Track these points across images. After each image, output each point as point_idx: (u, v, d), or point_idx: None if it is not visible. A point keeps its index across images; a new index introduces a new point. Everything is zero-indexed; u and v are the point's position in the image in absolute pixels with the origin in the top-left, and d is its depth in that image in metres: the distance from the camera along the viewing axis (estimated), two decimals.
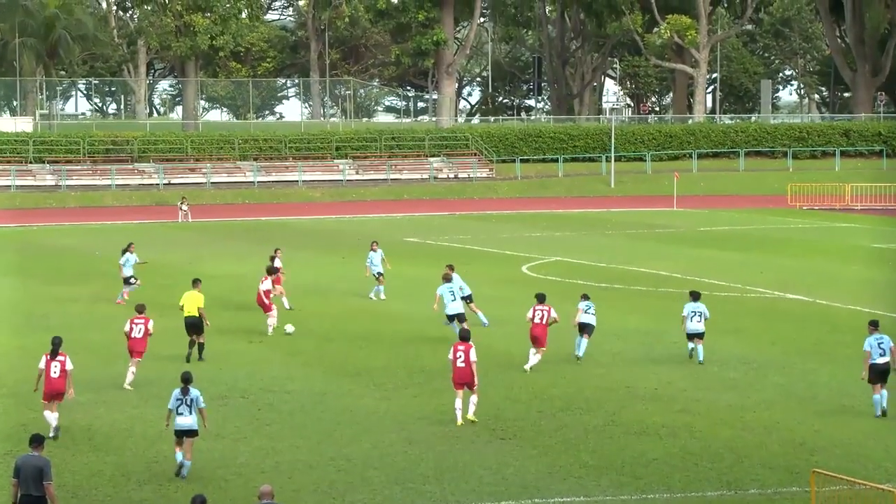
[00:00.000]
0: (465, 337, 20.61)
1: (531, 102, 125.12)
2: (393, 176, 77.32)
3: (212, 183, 74.44)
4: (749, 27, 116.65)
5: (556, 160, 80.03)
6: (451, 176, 78.97)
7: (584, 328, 25.39)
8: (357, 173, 77.27)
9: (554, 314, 24.29)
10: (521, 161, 79.73)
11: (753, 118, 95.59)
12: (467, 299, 29.27)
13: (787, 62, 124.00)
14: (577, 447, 19.08)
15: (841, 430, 19.82)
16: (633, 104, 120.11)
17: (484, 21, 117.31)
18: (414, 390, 22.86)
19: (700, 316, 25.16)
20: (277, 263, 32.09)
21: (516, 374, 24.06)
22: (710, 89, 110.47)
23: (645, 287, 36.20)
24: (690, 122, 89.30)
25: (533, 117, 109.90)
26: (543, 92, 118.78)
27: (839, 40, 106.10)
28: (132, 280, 33.61)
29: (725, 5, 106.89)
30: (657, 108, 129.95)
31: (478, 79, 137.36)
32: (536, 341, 24.34)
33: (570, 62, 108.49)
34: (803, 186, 69.18)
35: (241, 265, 40.85)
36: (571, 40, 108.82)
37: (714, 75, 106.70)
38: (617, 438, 19.50)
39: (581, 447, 19.07)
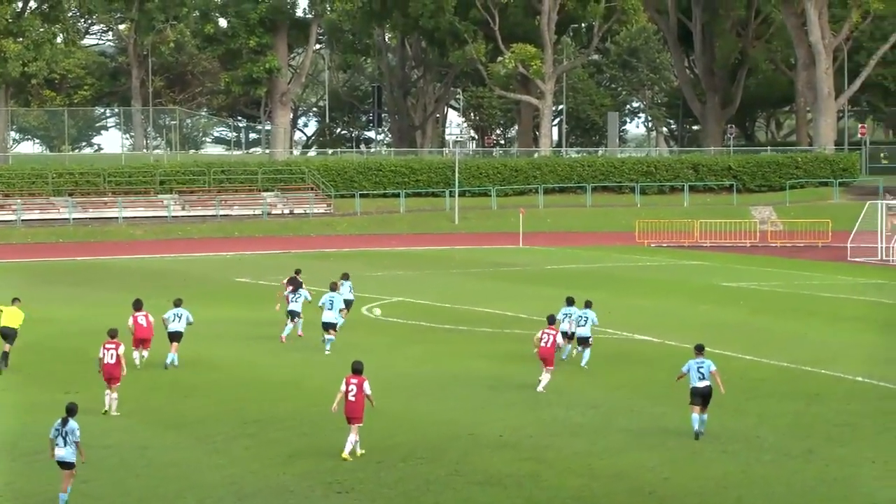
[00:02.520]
0: (357, 370, 21.29)
1: (371, 134, 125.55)
2: (223, 212, 76.71)
3: (22, 220, 72.80)
4: (595, 57, 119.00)
5: (398, 195, 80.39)
6: (286, 212, 78.68)
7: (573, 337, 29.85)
8: (183, 209, 76.44)
9: (559, 339, 27.19)
10: (361, 196, 79.87)
11: (600, 152, 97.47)
12: (347, 305, 33.36)
13: (635, 94, 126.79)
14: (418, 500, 19.10)
15: (691, 479, 20.24)
16: (477, 136, 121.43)
17: (320, 48, 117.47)
18: (246, 441, 22.63)
19: (586, 320, 29.45)
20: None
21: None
22: (556, 121, 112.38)
23: (490, 329, 36.52)
24: (536, 155, 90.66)
25: (373, 150, 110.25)
26: (384, 123, 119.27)
27: (688, 71, 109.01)
28: None
29: (571, 34, 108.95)
30: (502, 141, 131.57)
31: (314, 109, 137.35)
32: (545, 362, 26.83)
33: (411, 92, 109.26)
34: (651, 223, 70.72)
35: (55, 310, 39.99)
36: (413, 69, 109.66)
37: (560, 107, 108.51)
38: (460, 489, 19.59)
39: (422, 500, 19.11)
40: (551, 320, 27.68)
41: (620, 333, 35.54)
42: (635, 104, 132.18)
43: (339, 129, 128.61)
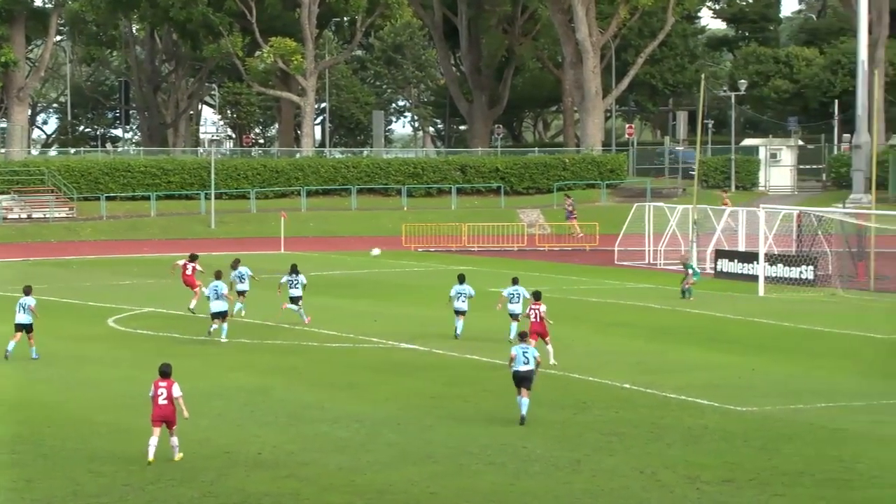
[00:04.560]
0: (165, 373, 21.78)
1: (118, 132, 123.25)
2: None
3: None
4: (359, 53, 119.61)
5: (148, 198, 79.17)
6: (24, 216, 76.63)
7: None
8: None
9: (544, 310, 30.69)
10: (107, 199, 78.39)
11: (365, 152, 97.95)
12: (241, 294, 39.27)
13: (401, 92, 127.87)
14: None
15: (458, 493, 20.53)
16: (234, 135, 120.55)
17: (61, 40, 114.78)
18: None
19: (464, 296, 35.30)
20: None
21: (99, 441, 23.57)
22: (318, 120, 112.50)
23: (249, 340, 36.33)
24: (298, 155, 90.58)
25: (120, 149, 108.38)
26: (132, 121, 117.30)
27: (454, 69, 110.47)
28: None
29: (333, 29, 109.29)
30: (262, 141, 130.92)
31: (55, 105, 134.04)
32: (539, 335, 30.27)
33: (162, 87, 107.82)
34: (419, 227, 71.42)
35: None
36: (163, 63, 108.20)
37: (323, 105, 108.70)
38: None
39: None
40: (537, 296, 31.02)
41: (386, 342, 35.80)
42: (401, 103, 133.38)
43: (82, 127, 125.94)
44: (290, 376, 30.69)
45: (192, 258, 41.69)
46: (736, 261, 54.17)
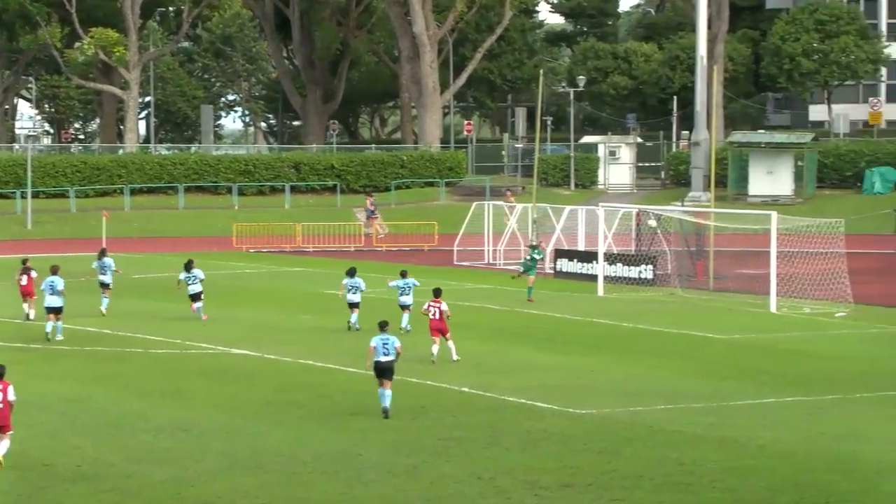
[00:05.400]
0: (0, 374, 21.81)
1: None
2: None
3: None
4: (186, 45, 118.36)
5: None
6: None
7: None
8: None
9: (445, 307, 31.84)
10: None
11: (194, 149, 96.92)
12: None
13: (231, 85, 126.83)
14: None
15: None
16: (53, 130, 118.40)
17: None
18: None
19: (356, 290, 37.49)
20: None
21: None
22: (143, 115, 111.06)
23: (69, 347, 35.70)
24: (121, 152, 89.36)
25: None
26: None
27: (287, 62, 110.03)
28: None
29: (158, 19, 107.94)
30: (82, 136, 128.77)
31: None
32: (441, 332, 31.75)
33: None
34: (250, 226, 70.93)
35: None
36: None
37: (148, 99, 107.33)
38: None
39: None
40: (437, 293, 32.30)
41: (216, 348, 35.49)
42: (231, 97, 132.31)
43: None
44: (112, 384, 30.24)
45: (27, 268, 40.39)
46: (575, 260, 54.87)
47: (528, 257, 47.85)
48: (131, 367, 32.66)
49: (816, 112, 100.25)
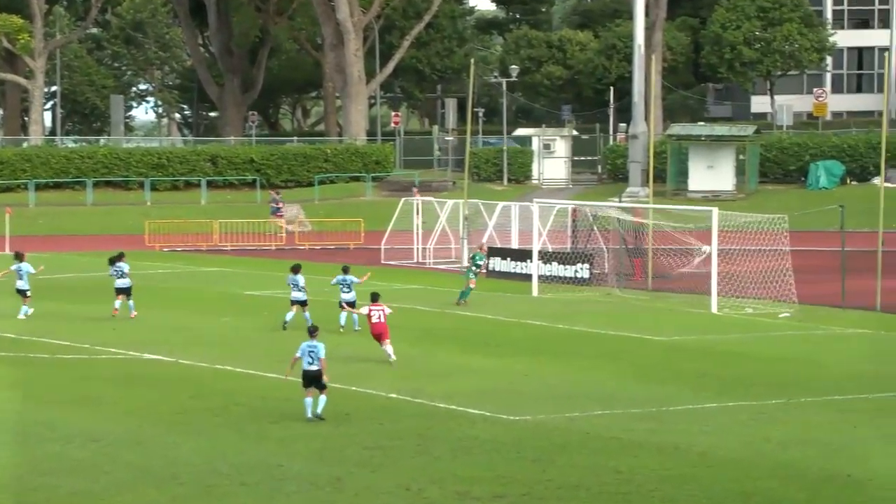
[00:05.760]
0: None
1: None
2: None
3: None
4: (94, 31, 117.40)
5: None
6: None
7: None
8: None
9: (388, 310, 32.74)
10: None
11: (103, 141, 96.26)
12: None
13: (142, 74, 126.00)
14: None
15: None
16: None
17: None
18: None
19: (298, 287, 38.24)
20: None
21: None
22: (48, 105, 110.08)
23: None
24: (26, 144, 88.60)
25: None
26: None
27: (203, 49, 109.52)
28: None
29: (65, 4, 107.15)
30: None
31: None
32: (381, 337, 32.43)
33: None
34: (164, 224, 70.53)
35: None
36: None
37: (54, 88, 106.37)
38: None
39: None
40: (374, 297, 33.01)
41: (126, 353, 35.28)
42: (143, 86, 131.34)
43: None
44: (16, 391, 29.96)
45: None
46: (508, 259, 55.00)
47: (472, 266, 47.04)
48: (37, 374, 32.39)
49: (759, 103, 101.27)
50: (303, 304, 38.87)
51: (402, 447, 24.32)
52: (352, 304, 37.93)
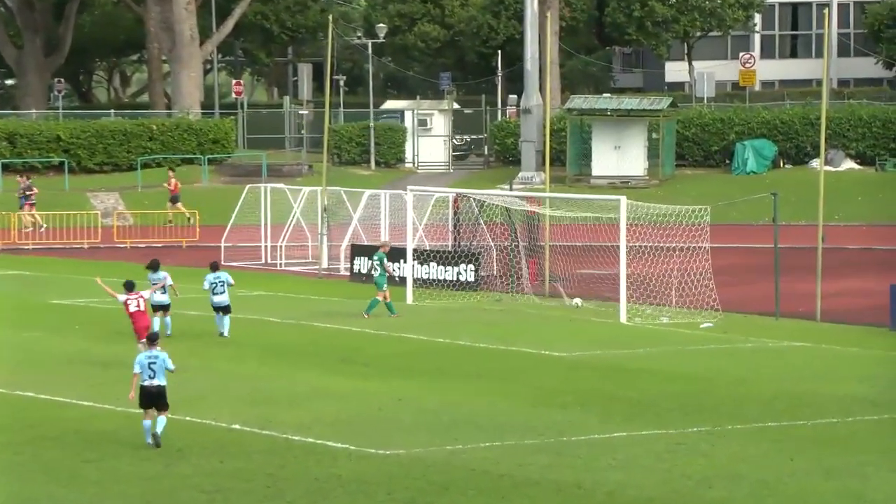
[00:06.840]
0: None
1: None
2: None
3: None
4: None
5: None
6: None
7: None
8: None
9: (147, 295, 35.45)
10: None
11: None
12: None
13: None
14: None
15: None
16: None
17: None
18: None
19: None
20: None
21: None
22: None
23: None
24: None
25: None
26: None
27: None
28: None
29: None
30: None
31: None
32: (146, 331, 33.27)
33: None
34: None
35: None
36: None
37: None
38: None
39: None
40: (130, 286, 35.13)
41: None
42: None
43: None
44: None
45: None
46: None
47: (377, 270, 45.67)
48: None
49: (674, 71, 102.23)
50: (165, 308, 39.35)
51: (248, 490, 24.26)
52: (226, 310, 39.02)
